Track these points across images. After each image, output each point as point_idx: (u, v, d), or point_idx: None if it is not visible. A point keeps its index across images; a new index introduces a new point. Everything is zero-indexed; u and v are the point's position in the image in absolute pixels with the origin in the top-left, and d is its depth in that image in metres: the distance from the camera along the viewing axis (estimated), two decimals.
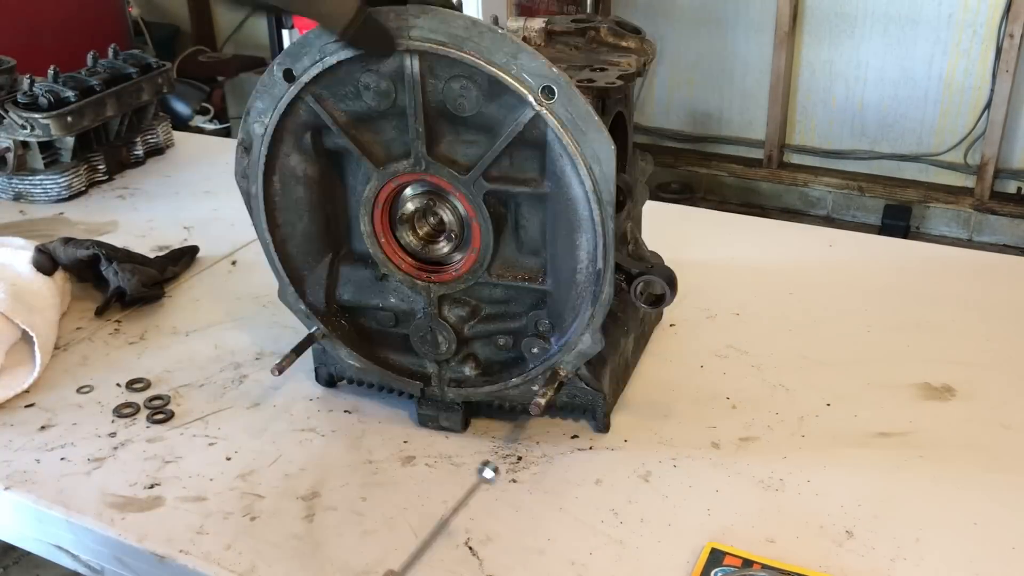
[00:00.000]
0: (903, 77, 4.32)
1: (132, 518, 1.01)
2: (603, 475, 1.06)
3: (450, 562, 0.94)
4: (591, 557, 0.95)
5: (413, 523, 0.99)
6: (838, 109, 4.50)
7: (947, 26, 4.16)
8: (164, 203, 1.85)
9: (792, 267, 1.50)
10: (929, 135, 4.38)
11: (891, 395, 1.19)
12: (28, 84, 1.83)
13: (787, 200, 4.64)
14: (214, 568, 0.94)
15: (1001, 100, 4.09)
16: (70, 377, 1.27)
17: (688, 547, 0.95)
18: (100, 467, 1.09)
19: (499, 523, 0.99)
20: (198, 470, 1.08)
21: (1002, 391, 1.20)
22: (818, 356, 1.27)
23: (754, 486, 1.04)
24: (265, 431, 1.15)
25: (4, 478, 1.08)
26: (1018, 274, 1.51)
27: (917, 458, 1.08)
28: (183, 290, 1.50)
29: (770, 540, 0.96)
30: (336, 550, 0.96)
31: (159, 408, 1.19)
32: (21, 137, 1.81)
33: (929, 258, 1.60)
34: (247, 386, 1.24)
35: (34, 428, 1.16)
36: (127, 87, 1.93)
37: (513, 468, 1.07)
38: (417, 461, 1.09)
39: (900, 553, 0.94)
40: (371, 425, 1.15)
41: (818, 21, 4.39)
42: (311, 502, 1.03)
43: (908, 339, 1.31)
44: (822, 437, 1.11)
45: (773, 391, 1.20)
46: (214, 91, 4.60)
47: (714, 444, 1.10)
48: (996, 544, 0.95)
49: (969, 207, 4.30)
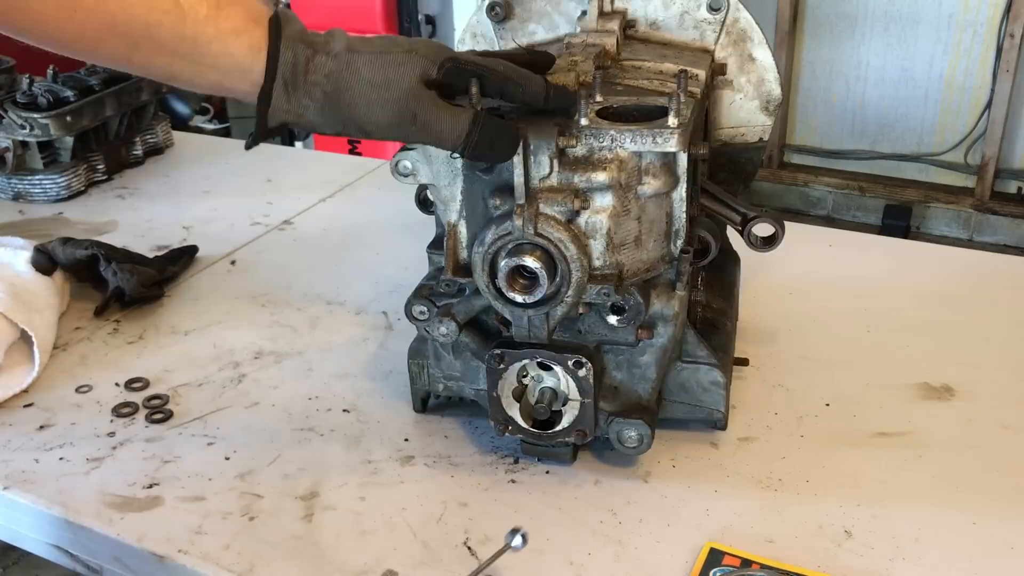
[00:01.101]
0: (903, 77, 4.32)
1: (131, 518, 1.01)
2: (602, 475, 1.06)
3: (449, 562, 0.94)
4: (590, 557, 0.94)
5: (412, 523, 0.99)
6: (838, 109, 4.50)
7: (947, 26, 4.16)
8: (163, 203, 1.85)
9: (792, 267, 1.49)
10: (929, 135, 4.38)
11: (891, 395, 1.19)
12: (27, 84, 1.83)
13: (787, 200, 4.64)
14: (213, 568, 0.94)
15: (1001, 100, 4.09)
16: (69, 377, 1.27)
17: (687, 547, 0.95)
18: (99, 467, 1.09)
19: (498, 523, 0.99)
20: (197, 470, 1.08)
21: (1002, 391, 1.19)
22: (818, 356, 1.27)
23: (753, 486, 1.04)
24: (264, 431, 1.15)
25: (3, 478, 1.08)
26: (1018, 274, 1.50)
27: (917, 458, 1.08)
28: (182, 290, 1.50)
29: (769, 540, 0.96)
30: (335, 550, 0.96)
31: (158, 408, 1.19)
32: (20, 137, 1.81)
33: (929, 258, 1.60)
34: (246, 385, 1.24)
35: (33, 428, 1.16)
36: (126, 87, 1.93)
37: (512, 469, 1.07)
38: (416, 461, 1.09)
39: (899, 553, 0.94)
40: (370, 425, 1.15)
41: (818, 21, 4.39)
42: (310, 502, 1.03)
43: (908, 339, 1.31)
44: (821, 437, 1.11)
45: (772, 391, 1.20)
46: None
47: (713, 444, 1.10)
48: (996, 544, 0.95)
49: (969, 207, 4.30)
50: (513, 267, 0.93)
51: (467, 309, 1.03)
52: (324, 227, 1.72)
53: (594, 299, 0.95)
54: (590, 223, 0.93)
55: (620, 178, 0.92)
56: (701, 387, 1.06)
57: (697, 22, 1.15)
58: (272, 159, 2.08)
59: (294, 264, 1.58)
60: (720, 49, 1.16)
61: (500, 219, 0.93)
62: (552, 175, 0.92)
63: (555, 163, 0.92)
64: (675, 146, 0.90)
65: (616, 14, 1.16)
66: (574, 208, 0.91)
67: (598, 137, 0.91)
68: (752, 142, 1.20)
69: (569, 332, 1.01)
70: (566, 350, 0.99)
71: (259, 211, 1.78)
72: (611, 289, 0.94)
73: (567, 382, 1.01)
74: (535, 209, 0.92)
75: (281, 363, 1.29)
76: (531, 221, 0.91)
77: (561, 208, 0.92)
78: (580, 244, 0.93)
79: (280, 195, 1.86)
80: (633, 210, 0.94)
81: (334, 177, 1.92)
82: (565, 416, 1.02)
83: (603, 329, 1.00)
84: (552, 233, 0.92)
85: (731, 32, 1.15)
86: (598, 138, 0.91)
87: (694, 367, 1.05)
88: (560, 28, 1.20)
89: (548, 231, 0.92)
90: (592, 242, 0.94)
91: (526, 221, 0.91)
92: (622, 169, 0.92)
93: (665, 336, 1.01)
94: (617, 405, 1.03)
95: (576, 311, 0.97)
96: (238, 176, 1.97)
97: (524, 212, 0.91)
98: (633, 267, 0.96)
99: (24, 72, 1.90)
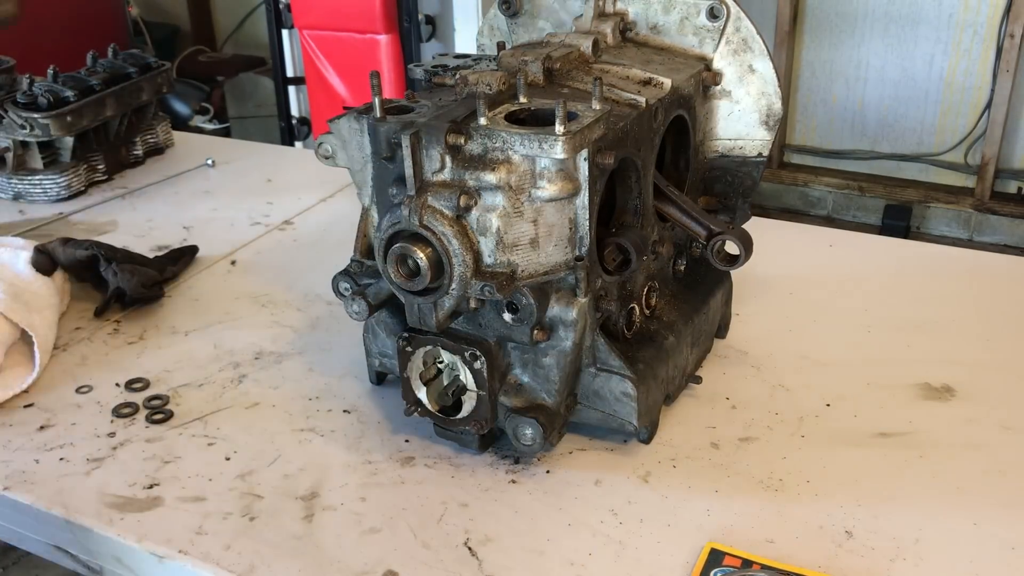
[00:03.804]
0: (903, 77, 4.32)
1: (131, 518, 1.01)
2: (602, 476, 1.06)
3: (449, 562, 0.94)
4: (590, 558, 0.94)
5: (412, 524, 0.99)
6: (838, 109, 4.50)
7: (948, 26, 4.16)
8: (163, 203, 1.85)
9: (792, 267, 1.49)
10: (929, 135, 4.38)
11: (891, 395, 1.19)
12: (27, 84, 1.83)
13: (787, 200, 4.64)
14: (213, 568, 0.94)
15: (1002, 100, 4.09)
16: (69, 377, 1.27)
17: (688, 547, 0.95)
18: (99, 467, 1.09)
19: (498, 524, 0.99)
20: (197, 470, 1.08)
21: (1002, 391, 1.19)
22: (818, 356, 1.27)
23: (754, 486, 1.04)
24: (264, 431, 1.15)
25: (3, 478, 1.07)
26: (1018, 274, 1.50)
27: (917, 458, 1.08)
28: (182, 290, 1.50)
29: (770, 540, 0.96)
30: (335, 550, 0.96)
31: (158, 408, 1.19)
32: (20, 137, 1.81)
33: (929, 258, 1.60)
34: (246, 386, 1.24)
35: (33, 428, 1.16)
36: (127, 87, 1.93)
37: (512, 469, 1.07)
38: (416, 462, 1.09)
39: (900, 553, 0.94)
40: (370, 426, 1.15)
41: (818, 21, 4.39)
42: (310, 502, 1.03)
43: (908, 339, 1.31)
44: (822, 437, 1.11)
45: (773, 391, 1.20)
46: (214, 91, 4.60)
47: (714, 444, 1.10)
48: (996, 544, 0.95)
49: (969, 207, 4.30)
50: (397, 254, 0.95)
51: (378, 291, 1.05)
52: (324, 227, 1.72)
53: (479, 295, 0.96)
54: (481, 221, 0.94)
55: (510, 180, 0.93)
56: (613, 396, 1.05)
57: (696, 28, 1.15)
58: (272, 159, 2.09)
59: (294, 264, 1.58)
60: (719, 58, 1.16)
61: (395, 208, 0.95)
62: (445, 170, 0.94)
63: (447, 159, 0.93)
64: (560, 153, 0.90)
65: (614, 16, 1.16)
66: (460, 204, 0.92)
67: (491, 138, 0.93)
68: (751, 156, 1.20)
69: (472, 325, 1.02)
70: (466, 342, 1.01)
71: (259, 211, 1.79)
72: (494, 287, 0.94)
73: (466, 372, 1.02)
74: (423, 201, 0.93)
75: (281, 363, 1.29)
76: (417, 212, 0.92)
77: (447, 203, 0.93)
78: (466, 240, 0.94)
79: (280, 195, 1.86)
80: (527, 212, 0.95)
81: (334, 177, 1.92)
82: (464, 405, 1.04)
83: (499, 325, 1.01)
84: (436, 226, 0.93)
85: (731, 41, 1.15)
86: (491, 139, 0.93)
87: (607, 375, 1.05)
88: (566, 25, 1.20)
89: (433, 223, 0.93)
90: (483, 239, 0.95)
91: (412, 212, 0.93)
92: (512, 171, 0.93)
93: (568, 340, 1.01)
94: (519, 402, 1.04)
95: (467, 305, 0.98)
96: (238, 176, 1.97)
97: (412, 203, 0.93)
98: (529, 268, 0.97)
99: (24, 72, 1.90)
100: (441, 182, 0.94)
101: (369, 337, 1.17)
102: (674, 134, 1.14)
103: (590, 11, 1.14)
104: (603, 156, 0.94)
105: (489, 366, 1.01)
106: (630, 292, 1.10)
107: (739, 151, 1.20)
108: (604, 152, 0.95)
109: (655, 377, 1.08)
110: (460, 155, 0.94)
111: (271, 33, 4.04)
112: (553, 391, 1.04)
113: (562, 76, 1.07)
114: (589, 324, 1.02)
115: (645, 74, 1.08)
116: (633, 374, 1.04)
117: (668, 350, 1.11)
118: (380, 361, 1.18)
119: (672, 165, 1.18)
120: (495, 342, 1.02)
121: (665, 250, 1.14)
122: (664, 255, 1.15)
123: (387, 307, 1.08)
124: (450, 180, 0.94)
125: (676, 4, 1.15)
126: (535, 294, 0.98)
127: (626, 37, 1.18)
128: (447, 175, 0.94)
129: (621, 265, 1.05)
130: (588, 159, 0.93)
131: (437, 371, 1.05)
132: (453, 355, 1.02)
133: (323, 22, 3.73)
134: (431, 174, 0.94)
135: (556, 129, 0.89)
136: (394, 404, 1.18)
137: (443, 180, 0.94)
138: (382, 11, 3.61)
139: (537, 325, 0.99)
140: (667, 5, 1.15)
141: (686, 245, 1.22)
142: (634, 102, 1.02)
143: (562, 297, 1.00)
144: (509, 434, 1.04)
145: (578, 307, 1.00)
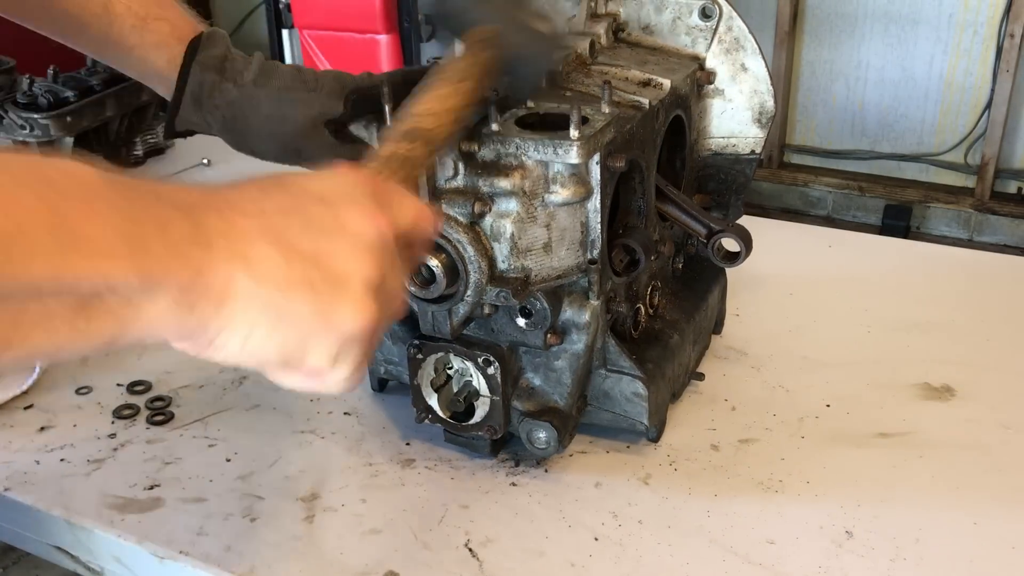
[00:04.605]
0: (903, 77, 4.32)
1: (132, 519, 1.01)
2: (602, 478, 1.06)
3: (450, 564, 0.94)
4: (591, 559, 0.95)
5: (413, 525, 0.99)
6: (838, 109, 4.50)
7: (947, 26, 4.16)
8: None
9: (792, 267, 1.50)
10: (929, 135, 4.38)
11: (891, 395, 1.19)
12: (27, 84, 1.82)
13: (787, 200, 4.64)
14: (214, 569, 0.94)
15: (1002, 100, 4.08)
16: (70, 378, 1.26)
17: (688, 549, 0.95)
18: (100, 468, 1.09)
19: (499, 525, 0.99)
20: (198, 471, 1.08)
21: (1002, 391, 1.20)
22: (818, 356, 1.27)
23: (754, 487, 1.04)
24: (265, 432, 1.15)
25: (4, 479, 1.08)
26: (1018, 274, 1.50)
27: (917, 458, 1.08)
28: None
29: (770, 541, 0.96)
30: (336, 552, 0.96)
31: (159, 409, 1.19)
32: (20, 137, 1.80)
33: (929, 258, 1.60)
34: (247, 387, 1.24)
35: (33, 429, 1.16)
36: (127, 87, 1.92)
37: (512, 471, 1.07)
38: (417, 464, 1.09)
39: (900, 553, 0.94)
40: (371, 428, 1.15)
41: (818, 21, 4.39)
42: (311, 503, 1.03)
43: (908, 339, 1.31)
44: (822, 438, 1.11)
45: (772, 392, 1.20)
46: None
47: (713, 446, 1.10)
48: (996, 544, 0.95)
49: (969, 207, 4.30)
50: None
51: None
52: None
53: (493, 301, 0.96)
54: (495, 227, 0.94)
55: (524, 185, 0.93)
56: (624, 397, 1.05)
57: (689, 28, 1.15)
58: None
59: None
60: (711, 57, 1.16)
61: None
62: (458, 177, 0.94)
63: (460, 166, 0.93)
64: (575, 158, 0.90)
65: (606, 16, 1.16)
66: (474, 211, 0.92)
67: (504, 144, 0.92)
68: (744, 154, 1.20)
69: (484, 330, 1.02)
70: (479, 347, 1.01)
71: None
72: (509, 293, 0.94)
73: (479, 378, 1.02)
74: (437, 209, 0.93)
75: None
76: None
77: (462, 210, 0.93)
78: (481, 246, 0.94)
79: None
80: (540, 217, 0.95)
81: None
82: (477, 411, 1.04)
83: (513, 331, 1.01)
84: (452, 233, 0.93)
85: (723, 40, 1.15)
86: (504, 145, 0.92)
87: (617, 376, 1.05)
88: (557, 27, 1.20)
89: (448, 231, 0.93)
90: (497, 245, 0.95)
91: None
92: (526, 177, 0.93)
93: (580, 343, 1.01)
94: (532, 406, 1.04)
95: (481, 311, 0.98)
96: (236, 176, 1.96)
97: None
98: (542, 273, 0.97)
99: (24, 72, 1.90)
100: (454, 189, 0.94)
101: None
102: (670, 134, 1.14)
103: (583, 13, 1.14)
104: (614, 159, 0.94)
105: (502, 371, 1.00)
106: (635, 292, 1.11)
107: (732, 149, 1.20)
108: (615, 155, 0.95)
109: (663, 376, 1.08)
110: (473, 162, 0.93)
111: (271, 33, 4.04)
112: (565, 394, 1.03)
113: (562, 78, 1.07)
114: (600, 326, 1.02)
115: (644, 75, 1.08)
116: (643, 374, 1.04)
117: (673, 348, 1.12)
118: (385, 368, 1.17)
119: (668, 164, 1.18)
120: (507, 347, 1.02)
121: (667, 249, 1.14)
122: (665, 254, 1.15)
123: None
124: (463, 187, 0.94)
125: (668, 4, 1.15)
126: (548, 298, 0.98)
127: (618, 38, 1.18)
128: (460, 182, 0.94)
129: (629, 266, 1.05)
130: (600, 163, 0.93)
131: (447, 377, 1.05)
132: (465, 361, 1.02)
133: (323, 22, 3.73)
134: (444, 181, 0.94)
135: (571, 134, 0.89)
136: (394, 407, 1.18)
137: (456, 187, 0.94)
138: (382, 11, 3.61)
139: (550, 329, 0.99)
140: (659, 5, 1.15)
141: (683, 243, 1.22)
142: (638, 104, 1.02)
143: (574, 300, 1.00)
144: (522, 438, 1.04)
145: (591, 310, 1.00)
